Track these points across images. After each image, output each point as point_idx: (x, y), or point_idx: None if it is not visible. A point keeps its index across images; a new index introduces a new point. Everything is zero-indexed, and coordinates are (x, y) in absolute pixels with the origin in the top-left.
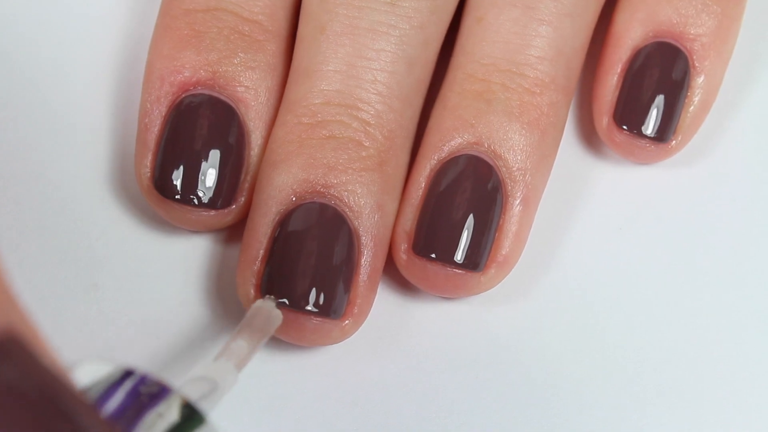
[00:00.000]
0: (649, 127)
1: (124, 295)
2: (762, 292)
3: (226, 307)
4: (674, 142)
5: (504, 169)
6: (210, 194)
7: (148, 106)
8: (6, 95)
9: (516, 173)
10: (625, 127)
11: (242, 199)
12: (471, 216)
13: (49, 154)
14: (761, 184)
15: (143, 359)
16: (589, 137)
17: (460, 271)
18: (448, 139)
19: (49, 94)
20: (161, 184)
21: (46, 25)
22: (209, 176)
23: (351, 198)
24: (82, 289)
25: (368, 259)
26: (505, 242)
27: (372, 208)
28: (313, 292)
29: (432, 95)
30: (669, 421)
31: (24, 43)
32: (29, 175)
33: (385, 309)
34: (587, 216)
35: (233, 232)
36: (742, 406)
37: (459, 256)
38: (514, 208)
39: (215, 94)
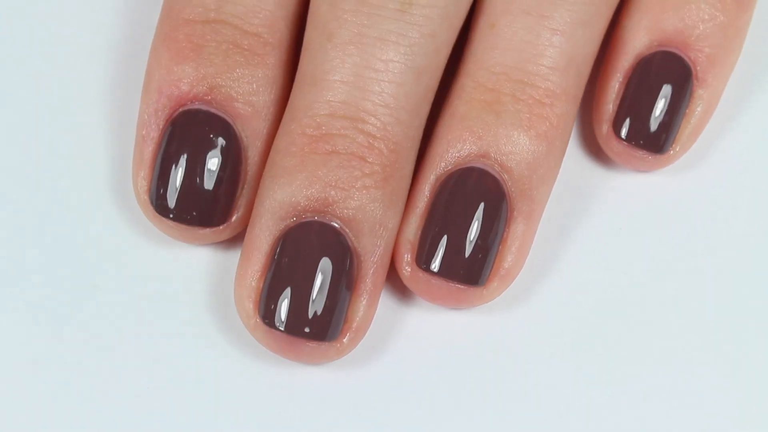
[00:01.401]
0: (649, 136)
1: (124, 299)
2: (762, 295)
3: (226, 309)
4: (672, 152)
5: (510, 182)
6: (205, 212)
7: (146, 117)
8: (7, 101)
9: (522, 187)
10: (624, 135)
11: (237, 215)
12: (475, 229)
13: (51, 157)
14: (760, 189)
15: (142, 363)
16: (590, 142)
17: (462, 285)
18: (456, 149)
19: (51, 96)
20: (157, 202)
21: (45, 31)
22: (204, 193)
23: (351, 217)
24: (82, 293)
25: (368, 278)
26: (508, 256)
27: (373, 226)
28: (311, 314)
29: (437, 98)
30: (670, 424)
31: (23, 49)
32: (30, 179)
33: (385, 313)
34: (587, 221)
35: (237, 238)
36: (742, 408)
37: (463, 270)
38: (518, 221)
39: (212, 110)
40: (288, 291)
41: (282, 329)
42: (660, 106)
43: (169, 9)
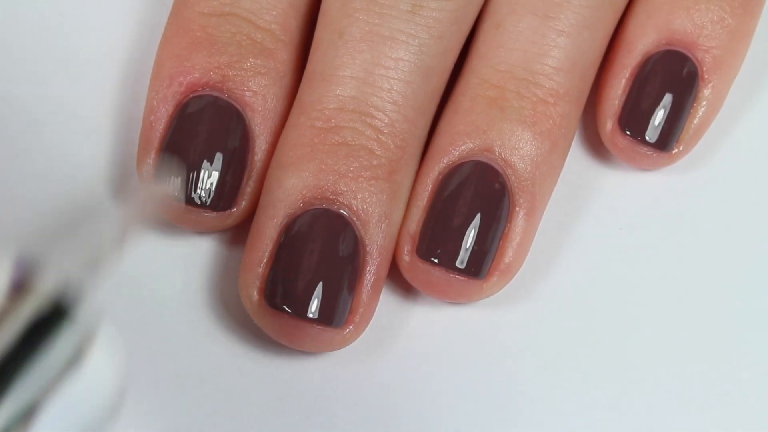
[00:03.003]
0: (653, 134)
1: (125, 294)
2: (763, 294)
3: (228, 306)
4: (676, 150)
5: (513, 177)
6: (211, 196)
7: (155, 104)
8: (12, 91)
9: (524, 183)
10: (628, 132)
11: (243, 203)
12: (477, 223)
13: (52, 151)
14: (762, 191)
15: (144, 359)
16: (592, 140)
17: (462, 277)
18: (459, 143)
19: (53, 91)
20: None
21: (51, 22)
22: (211, 178)
23: (359, 207)
24: None
25: (372, 268)
26: (509, 251)
27: (379, 217)
28: (316, 299)
29: (441, 99)
30: (670, 423)
31: (29, 39)
32: (32, 172)
33: (386, 310)
34: (587, 220)
35: (237, 233)
36: (743, 407)
37: (462, 262)
38: (520, 217)
39: (223, 97)
40: (299, 277)
41: (288, 311)
42: (665, 105)
43: (182, 3)
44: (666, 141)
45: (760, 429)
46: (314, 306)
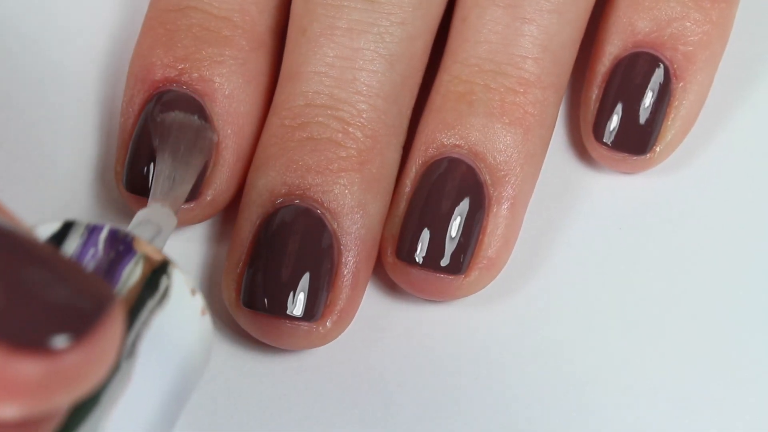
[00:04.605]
0: (628, 139)
1: None
2: (755, 293)
3: (220, 305)
4: (658, 149)
5: (485, 170)
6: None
7: (125, 106)
8: (9, 94)
9: (499, 174)
10: (605, 139)
11: (210, 193)
12: (453, 219)
13: (43, 153)
14: (752, 187)
15: None
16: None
17: (441, 275)
18: (431, 141)
19: (47, 93)
20: (130, 181)
21: (40, 27)
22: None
23: (328, 199)
24: None
25: (349, 260)
26: (489, 244)
27: (351, 208)
28: (291, 295)
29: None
30: (663, 423)
31: (18, 44)
32: (23, 173)
33: (383, 310)
34: (583, 218)
35: (228, 233)
36: (737, 406)
37: (442, 260)
38: (497, 209)
39: (182, 91)
40: (269, 275)
41: (264, 310)
42: (639, 108)
43: (150, 3)
44: (643, 144)
45: (758, 428)
46: (289, 302)
